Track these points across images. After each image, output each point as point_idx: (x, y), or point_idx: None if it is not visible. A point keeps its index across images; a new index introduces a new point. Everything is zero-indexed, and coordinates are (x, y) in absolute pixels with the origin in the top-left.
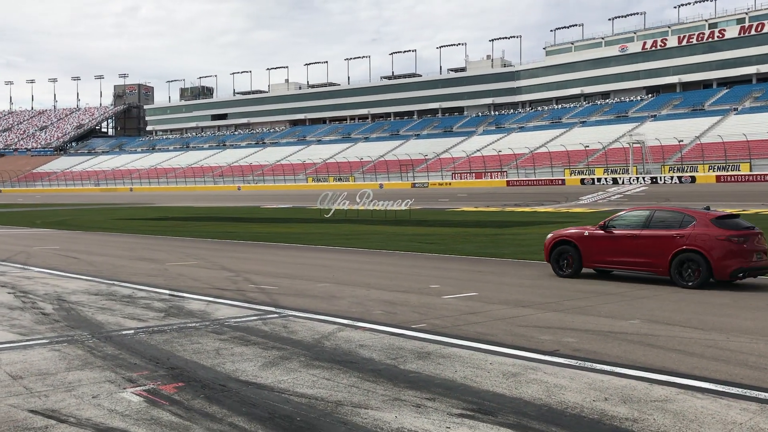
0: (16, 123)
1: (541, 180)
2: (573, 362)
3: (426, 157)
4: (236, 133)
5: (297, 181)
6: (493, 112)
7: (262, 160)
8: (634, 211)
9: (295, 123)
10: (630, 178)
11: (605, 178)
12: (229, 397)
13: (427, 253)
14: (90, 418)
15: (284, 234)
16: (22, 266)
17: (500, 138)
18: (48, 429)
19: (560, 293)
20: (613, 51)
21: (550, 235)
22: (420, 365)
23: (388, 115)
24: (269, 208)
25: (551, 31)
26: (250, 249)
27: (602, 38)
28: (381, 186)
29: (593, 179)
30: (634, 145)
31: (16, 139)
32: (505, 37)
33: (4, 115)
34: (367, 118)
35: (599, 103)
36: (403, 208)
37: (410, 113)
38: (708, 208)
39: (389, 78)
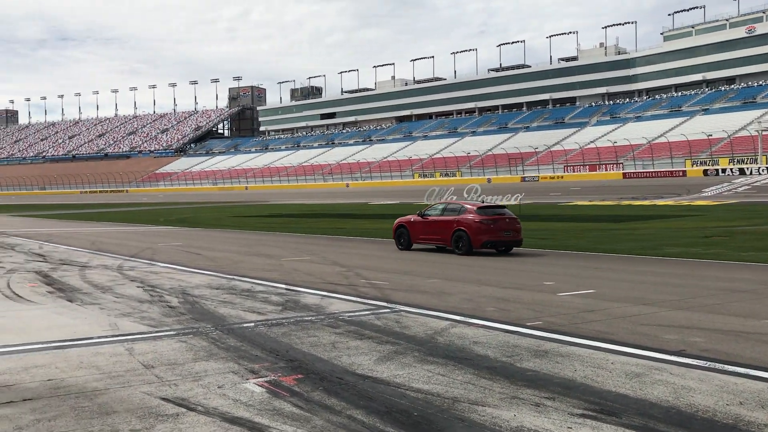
0: (140, 126)
1: (660, 172)
2: (701, 363)
3: (536, 150)
4: (344, 131)
5: (404, 177)
6: (607, 102)
7: (370, 157)
8: (438, 204)
9: (401, 119)
10: (759, 168)
11: (731, 169)
12: (347, 390)
13: (539, 248)
14: (216, 407)
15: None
16: (149, 262)
17: (615, 128)
18: (179, 416)
19: (685, 290)
20: (740, 33)
21: (396, 221)
22: (537, 363)
23: (495, 108)
24: (377, 204)
25: (669, 15)
26: (359, 244)
27: (726, 20)
28: (489, 180)
29: (717, 170)
30: (764, 133)
31: (140, 142)
32: (619, 24)
33: (129, 119)
34: (474, 111)
35: (723, 89)
36: (512, 202)
37: (519, 105)
38: (483, 201)
39: (497, 70)
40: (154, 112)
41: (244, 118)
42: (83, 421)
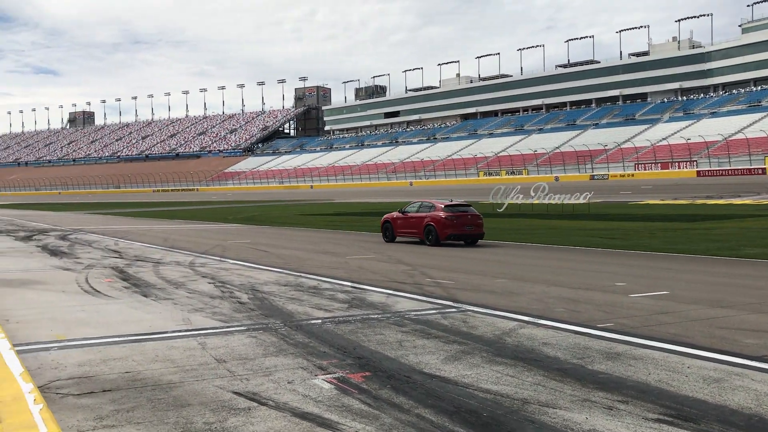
0: (209, 127)
1: (737, 170)
2: None
3: (606, 148)
4: (408, 129)
5: (468, 176)
6: (680, 98)
7: (434, 156)
8: (414, 203)
9: (466, 117)
10: None
11: None
12: (415, 388)
13: (609, 248)
14: (287, 402)
15: None
16: (219, 258)
17: (689, 125)
18: (250, 410)
19: (766, 293)
20: None
21: (382, 218)
22: (609, 366)
23: (563, 104)
24: None
25: (747, 6)
26: (424, 243)
27: None
28: (556, 179)
29: None
30: None
31: (209, 142)
32: (694, 17)
33: (200, 120)
34: (541, 108)
35: None
36: (581, 201)
37: (588, 102)
38: (451, 200)
39: (564, 66)
40: (223, 113)
41: (310, 118)
42: (159, 413)
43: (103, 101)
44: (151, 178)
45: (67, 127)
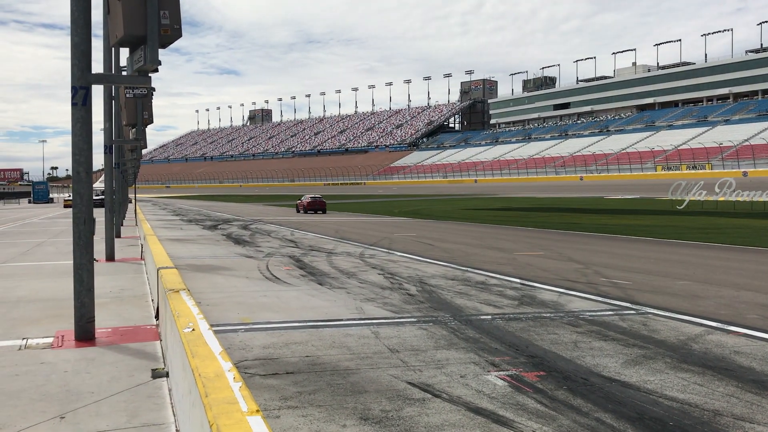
0: (376, 122)
1: None
2: None
3: None
4: (579, 121)
5: (644, 170)
6: None
7: (606, 149)
8: (304, 196)
9: (642, 108)
10: None
11: None
12: (593, 391)
13: None
14: (460, 396)
15: (632, 226)
16: (387, 250)
17: None
18: (425, 402)
19: None
20: None
21: (297, 202)
22: None
23: (754, 93)
24: (614, 198)
25: None
26: (596, 241)
27: None
28: (745, 174)
29: None
30: None
31: (376, 137)
32: None
33: (367, 116)
34: (728, 98)
35: None
36: None
37: None
38: (314, 195)
39: (757, 51)
40: (390, 109)
41: (475, 112)
42: (338, 398)
43: (280, 99)
44: (322, 172)
45: (248, 124)
